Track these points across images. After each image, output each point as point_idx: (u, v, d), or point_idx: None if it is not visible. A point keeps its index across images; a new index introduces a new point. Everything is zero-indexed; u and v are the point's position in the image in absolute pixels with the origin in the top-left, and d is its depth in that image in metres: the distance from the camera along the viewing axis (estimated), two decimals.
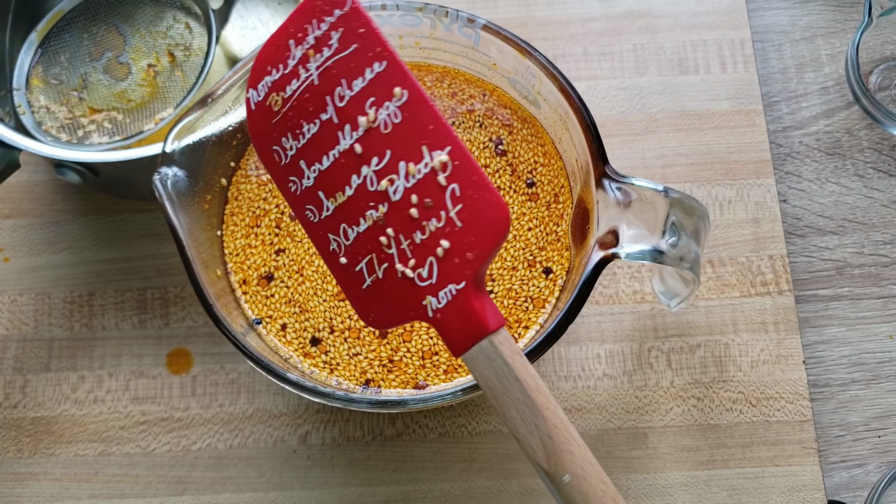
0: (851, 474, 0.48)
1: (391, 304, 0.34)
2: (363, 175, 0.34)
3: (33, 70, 0.50)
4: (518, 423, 0.32)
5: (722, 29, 0.55)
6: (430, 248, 0.33)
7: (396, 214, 0.34)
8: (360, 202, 0.34)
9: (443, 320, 0.33)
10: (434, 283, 0.33)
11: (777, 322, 0.49)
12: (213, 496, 0.46)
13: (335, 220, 0.35)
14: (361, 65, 0.34)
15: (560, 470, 0.31)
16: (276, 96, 0.35)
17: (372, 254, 0.34)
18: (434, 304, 0.33)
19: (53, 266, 0.51)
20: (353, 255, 0.34)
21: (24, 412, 0.48)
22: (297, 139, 0.35)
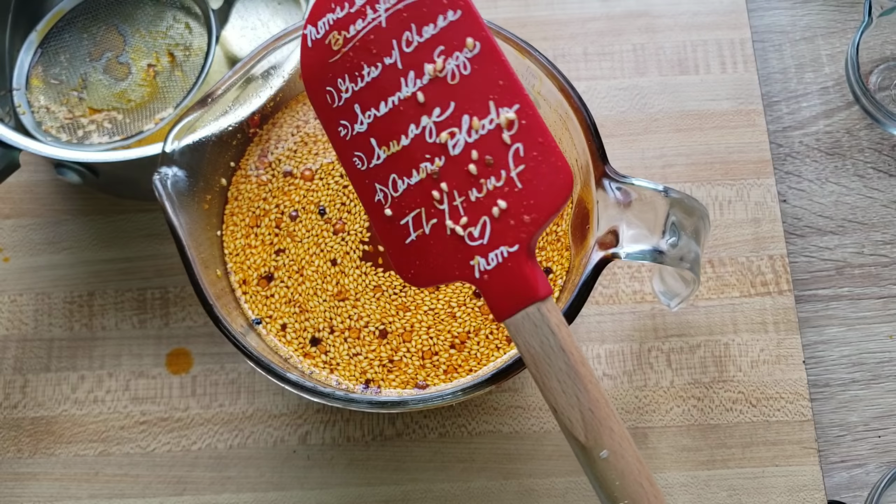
0: (851, 474, 0.48)
1: (435, 262, 0.33)
2: (422, 125, 0.33)
3: (33, 70, 0.50)
4: (558, 393, 0.31)
5: (722, 29, 0.55)
6: (485, 207, 0.32)
7: (453, 169, 0.32)
8: (416, 153, 0.33)
9: (490, 282, 0.32)
10: (485, 243, 0.32)
11: (777, 322, 0.49)
12: (212, 496, 0.46)
13: (385, 169, 0.33)
14: (434, 11, 0.33)
15: (598, 444, 0.31)
16: (337, 35, 0.34)
17: (421, 208, 0.33)
18: (482, 265, 0.32)
19: (53, 266, 0.51)
20: (400, 208, 0.33)
21: (23, 412, 0.48)
22: (355, 81, 0.34)
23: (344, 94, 0.34)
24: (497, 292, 0.32)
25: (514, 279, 0.32)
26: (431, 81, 0.33)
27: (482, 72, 0.32)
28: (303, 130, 0.45)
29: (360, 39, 0.34)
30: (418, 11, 0.33)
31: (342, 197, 0.44)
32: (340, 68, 0.34)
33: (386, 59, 0.33)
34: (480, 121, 0.32)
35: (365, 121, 0.34)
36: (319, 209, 0.43)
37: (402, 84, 0.33)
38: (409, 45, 0.33)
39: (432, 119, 0.33)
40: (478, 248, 0.32)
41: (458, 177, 0.32)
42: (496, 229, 0.32)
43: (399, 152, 0.33)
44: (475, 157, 0.32)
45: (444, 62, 0.33)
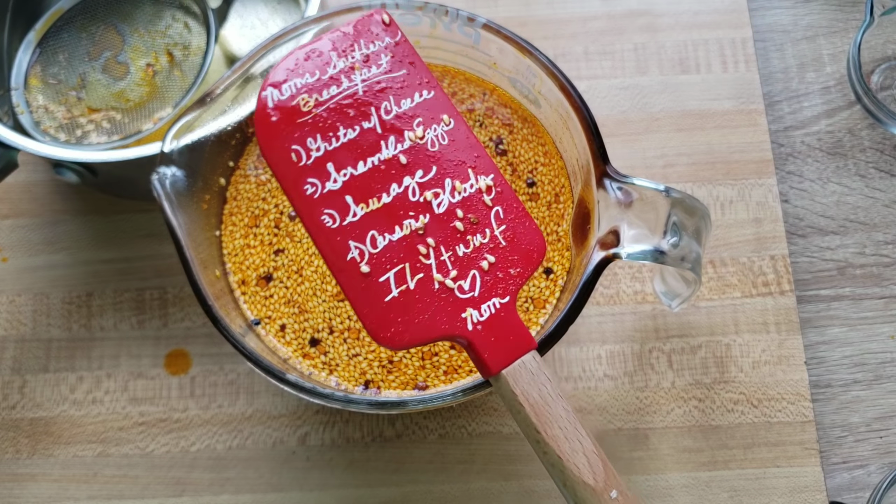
0: (853, 475, 0.47)
1: (421, 317, 0.33)
2: (405, 184, 0.34)
3: (31, 69, 0.49)
4: (562, 440, 0.31)
5: (723, 28, 0.55)
6: (473, 262, 0.34)
7: (439, 225, 0.34)
8: (399, 210, 0.34)
9: (483, 334, 0.33)
10: (476, 295, 0.33)
11: (778, 322, 0.48)
12: (211, 497, 0.46)
13: (362, 226, 0.34)
14: (410, 89, 0.36)
15: (607, 486, 0.31)
16: (307, 97, 0.35)
17: (405, 263, 0.33)
18: (475, 317, 0.33)
19: (52, 266, 0.51)
20: (379, 265, 0.33)
21: (22, 413, 0.48)
22: (329, 141, 0.35)
23: (314, 153, 0.35)
24: (489, 344, 0.33)
25: (507, 329, 0.33)
26: (412, 147, 0.35)
27: (458, 144, 0.35)
28: None
29: (335, 103, 0.35)
30: (395, 86, 0.36)
31: None
32: (311, 128, 0.35)
33: (364, 122, 0.35)
34: (462, 184, 0.35)
35: (340, 179, 0.34)
36: None
37: (383, 146, 0.35)
38: (389, 114, 0.35)
39: (415, 179, 0.34)
40: (469, 301, 0.33)
41: (444, 233, 0.34)
42: (487, 282, 0.33)
43: (380, 209, 0.34)
44: (460, 215, 0.34)
45: (423, 131, 0.35)
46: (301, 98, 0.35)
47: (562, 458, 0.31)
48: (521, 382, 0.32)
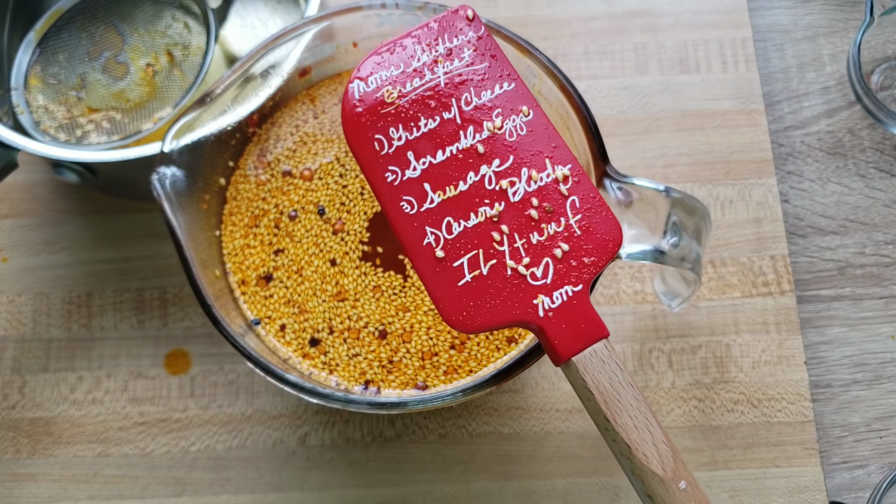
0: (853, 475, 0.47)
1: (493, 302, 0.33)
2: (481, 173, 0.35)
3: (31, 69, 0.49)
4: (631, 429, 0.31)
5: (723, 28, 0.55)
6: (546, 250, 0.34)
7: (514, 213, 0.34)
8: (474, 198, 0.35)
9: (554, 321, 0.33)
10: (549, 283, 0.33)
11: (779, 322, 0.48)
12: (211, 497, 0.46)
13: (439, 212, 0.35)
14: (491, 81, 0.36)
15: (676, 476, 0.31)
16: (391, 89, 0.36)
17: (479, 249, 0.34)
18: (547, 304, 0.33)
19: (52, 266, 0.51)
20: (454, 250, 0.34)
21: (22, 413, 0.48)
22: (410, 131, 0.36)
23: (396, 142, 0.36)
24: (562, 331, 0.33)
25: (579, 317, 0.33)
26: (490, 137, 0.36)
27: (536, 135, 0.36)
28: (302, 130, 0.45)
29: (417, 94, 0.36)
30: (475, 79, 0.37)
31: (341, 197, 0.43)
32: (394, 118, 0.36)
33: (444, 113, 0.36)
34: (539, 173, 0.35)
35: (419, 167, 0.35)
36: (319, 209, 0.43)
37: (461, 136, 0.36)
38: (468, 105, 0.36)
39: (492, 168, 0.35)
40: (541, 288, 0.33)
41: (518, 221, 0.34)
42: (559, 270, 0.34)
43: (456, 197, 0.35)
44: (535, 204, 0.35)
45: (502, 122, 0.36)
46: (385, 90, 0.36)
47: (630, 447, 0.31)
48: (592, 370, 0.32)
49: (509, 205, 0.35)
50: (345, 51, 0.45)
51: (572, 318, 0.33)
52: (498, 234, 0.34)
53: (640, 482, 0.31)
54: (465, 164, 0.35)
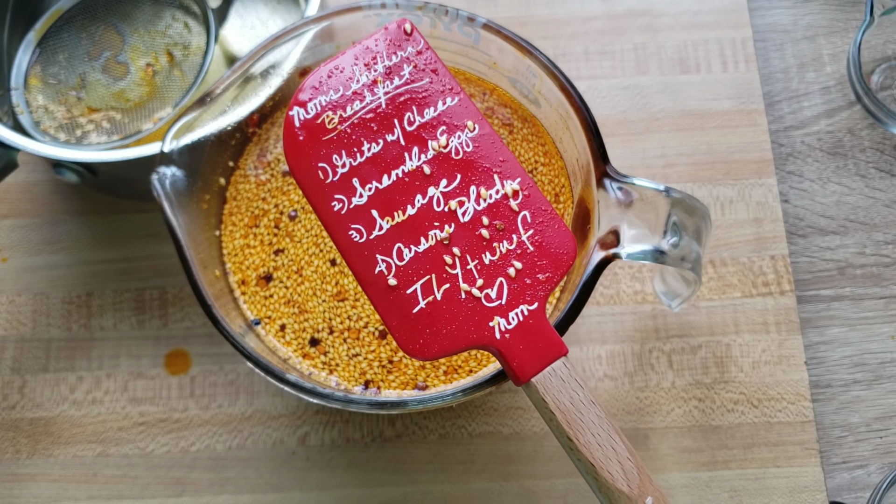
0: (853, 475, 0.47)
1: (449, 327, 0.33)
2: (429, 195, 0.34)
3: (31, 69, 0.49)
4: (594, 447, 0.31)
5: (723, 28, 0.55)
6: (500, 269, 0.33)
7: (464, 235, 0.34)
8: (424, 221, 0.34)
9: (511, 342, 0.33)
10: (503, 303, 0.33)
11: (779, 322, 0.48)
12: (211, 497, 0.46)
13: (389, 239, 0.34)
14: (433, 97, 0.36)
15: (642, 492, 0.31)
16: (332, 115, 0.35)
17: (431, 274, 0.33)
18: (503, 325, 0.33)
19: (51, 266, 0.51)
20: (406, 276, 0.34)
21: (22, 413, 0.48)
22: (353, 157, 0.35)
23: (340, 170, 0.35)
24: (520, 352, 0.32)
25: (536, 336, 0.33)
26: (436, 156, 0.35)
27: (483, 149, 0.35)
28: None
29: (359, 118, 0.35)
30: (417, 96, 0.36)
31: None
32: (336, 145, 0.35)
33: (388, 135, 0.35)
34: (488, 191, 0.34)
35: (365, 193, 0.35)
36: None
37: (406, 158, 0.35)
38: (412, 124, 0.35)
39: (439, 189, 0.34)
40: (496, 309, 0.33)
41: (470, 242, 0.34)
42: (514, 289, 0.33)
43: (405, 222, 0.34)
44: (486, 223, 0.34)
45: (447, 139, 0.35)
46: (326, 116, 0.35)
47: (595, 465, 0.31)
48: (552, 390, 0.32)
49: (459, 226, 0.34)
50: None
51: (530, 337, 0.33)
52: (450, 258, 0.34)
53: (607, 500, 0.31)
54: (413, 187, 0.34)
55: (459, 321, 0.33)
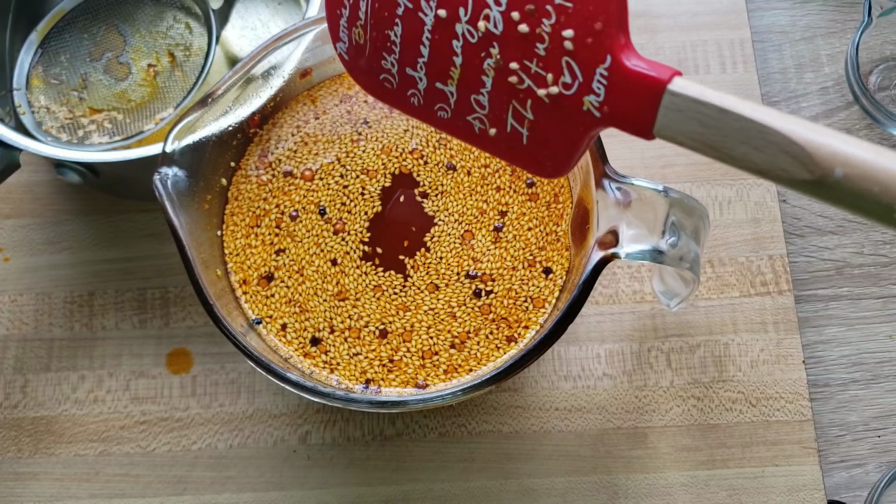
0: (851, 474, 0.48)
1: (557, 137, 0.31)
2: (460, 33, 0.32)
3: (33, 70, 0.50)
4: (752, 154, 0.27)
5: (721, 29, 0.55)
6: (557, 51, 0.30)
7: (509, 44, 0.31)
8: (473, 60, 0.32)
9: (613, 110, 0.29)
10: (581, 80, 0.30)
11: (777, 322, 0.49)
12: (213, 496, 0.46)
13: (464, 99, 0.33)
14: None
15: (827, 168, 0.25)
16: (356, 30, 0.35)
17: (511, 101, 0.32)
18: (595, 101, 0.30)
19: (53, 266, 0.51)
20: (498, 119, 0.32)
21: (24, 412, 0.48)
22: (392, 51, 0.34)
23: (394, 70, 0.34)
24: (626, 114, 0.29)
25: (629, 87, 0.29)
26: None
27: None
28: (303, 130, 0.45)
29: (371, 17, 0.34)
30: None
31: (342, 197, 0.44)
32: (376, 52, 0.35)
33: (397, 10, 0.34)
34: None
35: (422, 75, 0.34)
36: (319, 209, 0.43)
37: (423, 17, 0.33)
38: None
39: (463, 21, 0.32)
40: (579, 90, 0.30)
41: (517, 46, 0.31)
42: (580, 60, 0.30)
43: (462, 73, 0.33)
44: (517, 18, 0.31)
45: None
46: (354, 34, 0.35)
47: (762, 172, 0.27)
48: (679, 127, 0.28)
49: (499, 38, 0.32)
50: None
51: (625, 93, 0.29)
52: (514, 77, 0.32)
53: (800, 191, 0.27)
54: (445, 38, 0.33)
55: (561, 124, 0.31)
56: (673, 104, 0.28)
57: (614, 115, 0.30)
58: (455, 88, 0.33)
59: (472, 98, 0.33)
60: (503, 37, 0.31)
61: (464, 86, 0.33)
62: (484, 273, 0.42)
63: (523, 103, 0.32)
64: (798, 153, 0.26)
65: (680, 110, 0.28)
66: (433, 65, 0.33)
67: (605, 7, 0.29)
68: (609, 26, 0.29)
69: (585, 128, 0.31)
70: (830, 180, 0.25)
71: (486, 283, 0.42)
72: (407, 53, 0.34)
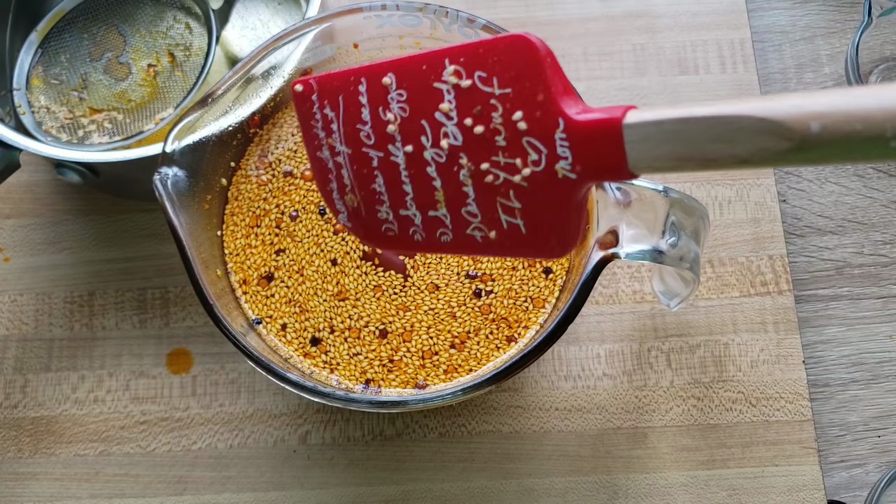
0: (851, 474, 0.48)
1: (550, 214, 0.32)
2: (430, 158, 0.33)
3: (33, 70, 0.50)
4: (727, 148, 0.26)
5: (722, 29, 0.55)
6: (515, 136, 0.31)
7: (473, 149, 0.32)
8: (450, 177, 0.33)
9: (586, 166, 0.30)
10: (546, 152, 0.31)
11: (777, 322, 0.49)
12: (213, 496, 0.46)
13: (457, 216, 0.33)
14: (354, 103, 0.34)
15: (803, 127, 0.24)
16: (348, 196, 0.35)
17: (497, 199, 0.32)
18: (566, 166, 0.30)
19: (54, 266, 0.51)
20: (492, 221, 0.33)
21: (24, 412, 0.48)
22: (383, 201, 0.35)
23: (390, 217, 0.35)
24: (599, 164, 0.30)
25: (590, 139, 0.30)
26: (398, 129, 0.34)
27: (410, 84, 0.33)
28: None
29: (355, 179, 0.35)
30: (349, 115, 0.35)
31: None
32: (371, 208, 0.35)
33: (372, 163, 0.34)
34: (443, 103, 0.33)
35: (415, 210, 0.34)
36: (320, 209, 0.43)
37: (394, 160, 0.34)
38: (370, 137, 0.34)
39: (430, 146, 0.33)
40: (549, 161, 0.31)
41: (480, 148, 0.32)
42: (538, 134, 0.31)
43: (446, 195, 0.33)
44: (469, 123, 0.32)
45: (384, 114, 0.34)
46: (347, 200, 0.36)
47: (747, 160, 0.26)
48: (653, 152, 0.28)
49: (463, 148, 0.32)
50: (345, 52, 0.45)
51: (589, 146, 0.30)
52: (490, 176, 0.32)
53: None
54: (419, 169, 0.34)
55: (548, 200, 0.31)
56: (635, 136, 0.29)
57: (589, 170, 0.30)
58: (446, 210, 0.34)
59: (463, 211, 0.34)
60: (465, 145, 0.32)
61: (452, 204, 0.34)
62: (484, 273, 0.42)
63: (507, 196, 0.32)
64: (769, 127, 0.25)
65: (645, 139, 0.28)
66: (419, 197, 0.34)
67: (540, 77, 0.31)
68: (548, 92, 0.31)
69: (568, 193, 0.31)
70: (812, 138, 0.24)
71: (486, 283, 0.42)
72: (395, 197, 0.35)
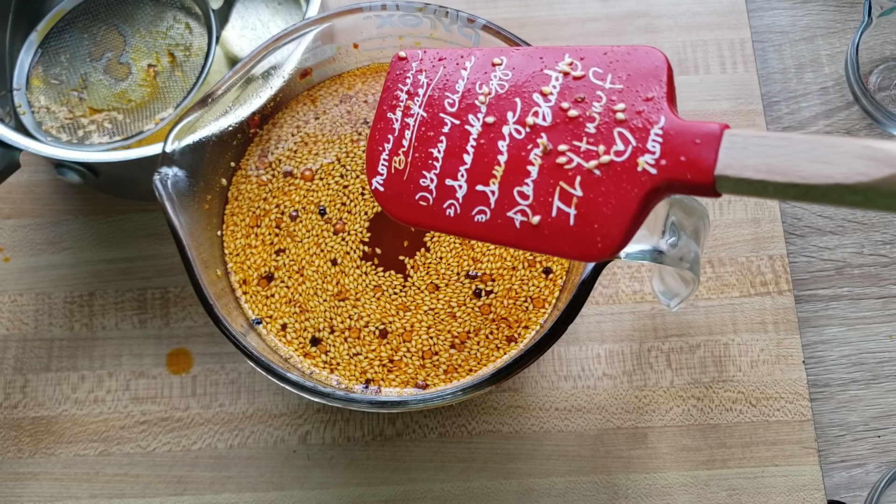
0: (851, 474, 0.48)
1: (609, 206, 0.31)
2: (507, 133, 0.33)
3: (33, 70, 0.50)
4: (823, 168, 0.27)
5: (722, 29, 0.55)
6: (608, 125, 0.31)
7: (558, 130, 0.32)
8: (520, 154, 0.33)
9: (671, 163, 0.30)
10: (635, 144, 0.31)
11: (777, 322, 0.49)
12: (213, 496, 0.46)
13: (506, 194, 0.33)
14: (455, 73, 0.35)
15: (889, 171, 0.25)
16: (397, 158, 0.36)
17: (559, 183, 0.32)
18: (650, 160, 0.30)
19: (54, 266, 0.51)
20: (542, 205, 0.32)
21: (24, 412, 0.48)
22: (433, 167, 0.35)
23: (432, 185, 0.35)
24: (684, 165, 0.30)
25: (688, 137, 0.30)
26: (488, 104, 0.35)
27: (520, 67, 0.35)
28: (303, 131, 0.45)
29: (416, 140, 0.36)
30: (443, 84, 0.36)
31: (342, 197, 0.44)
32: (416, 172, 0.35)
33: (443, 128, 0.35)
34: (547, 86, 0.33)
35: (462, 182, 0.34)
36: (319, 209, 0.43)
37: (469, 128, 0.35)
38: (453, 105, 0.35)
39: (511, 123, 0.34)
40: (633, 154, 0.31)
41: (567, 130, 0.32)
42: (634, 126, 0.31)
43: (506, 170, 0.33)
44: (567, 106, 0.32)
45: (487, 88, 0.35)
46: (393, 162, 0.36)
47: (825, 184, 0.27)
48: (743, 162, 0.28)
49: (548, 129, 0.33)
50: (346, 52, 0.45)
51: (682, 144, 0.30)
52: (563, 158, 0.32)
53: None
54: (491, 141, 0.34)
55: (613, 193, 0.31)
56: (733, 143, 0.29)
57: (672, 167, 0.30)
58: (497, 186, 0.33)
59: (516, 191, 0.33)
60: (552, 126, 0.33)
61: (507, 181, 0.33)
62: (484, 273, 0.42)
63: (571, 182, 0.32)
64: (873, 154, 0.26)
65: (743, 147, 0.29)
66: (476, 167, 0.34)
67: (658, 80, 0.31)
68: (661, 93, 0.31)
69: (641, 187, 0.31)
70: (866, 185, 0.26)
71: (486, 283, 0.42)
72: (448, 164, 0.35)
